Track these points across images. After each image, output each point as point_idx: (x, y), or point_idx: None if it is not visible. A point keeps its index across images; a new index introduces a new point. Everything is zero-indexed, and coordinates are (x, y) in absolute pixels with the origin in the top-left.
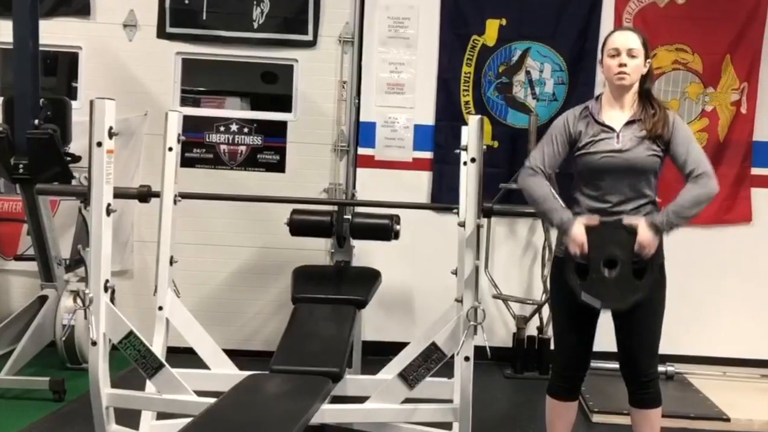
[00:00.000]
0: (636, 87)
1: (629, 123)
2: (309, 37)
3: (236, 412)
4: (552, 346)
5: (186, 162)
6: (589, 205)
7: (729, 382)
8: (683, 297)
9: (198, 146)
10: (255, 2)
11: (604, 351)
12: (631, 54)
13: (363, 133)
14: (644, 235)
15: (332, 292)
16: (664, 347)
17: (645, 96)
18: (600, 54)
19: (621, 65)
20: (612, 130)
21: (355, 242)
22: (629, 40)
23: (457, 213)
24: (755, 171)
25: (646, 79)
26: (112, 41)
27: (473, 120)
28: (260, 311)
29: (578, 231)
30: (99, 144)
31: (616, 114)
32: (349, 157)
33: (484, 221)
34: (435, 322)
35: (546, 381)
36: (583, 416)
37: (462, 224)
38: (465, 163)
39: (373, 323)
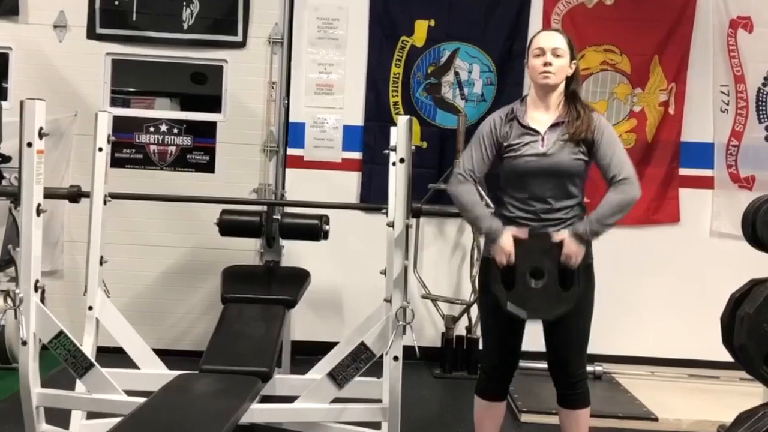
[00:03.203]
0: (561, 88)
1: (554, 126)
2: (238, 38)
3: (166, 411)
4: (480, 346)
5: (116, 162)
6: (516, 207)
7: (657, 381)
8: (612, 297)
9: (128, 147)
10: (184, 3)
11: (532, 351)
12: (555, 53)
13: (292, 133)
14: (569, 245)
15: (261, 292)
16: (593, 347)
17: (571, 98)
18: (526, 54)
19: (546, 64)
20: (537, 133)
21: (284, 242)
22: (554, 39)
23: (386, 213)
24: (683, 171)
25: (572, 81)
26: (42, 42)
27: (402, 120)
28: (190, 311)
29: (506, 241)
30: (29, 144)
31: (541, 116)
32: (279, 158)
33: (413, 221)
34: (364, 322)
35: (474, 380)
36: (512, 416)
37: (391, 224)
38: (394, 164)
39: (302, 323)
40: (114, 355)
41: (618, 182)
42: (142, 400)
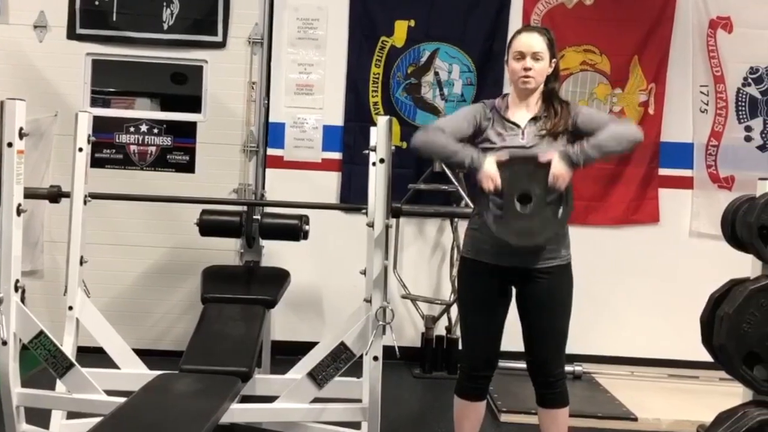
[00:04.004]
0: (541, 87)
1: (533, 119)
2: (218, 38)
3: (146, 411)
4: (460, 346)
5: (96, 162)
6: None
7: (636, 381)
8: (591, 297)
9: (108, 147)
10: (165, 3)
11: (512, 351)
12: (535, 57)
13: (272, 133)
14: (557, 166)
15: (241, 292)
16: (572, 347)
17: (548, 95)
18: (506, 53)
19: (525, 69)
20: (517, 126)
21: (264, 242)
22: (534, 43)
23: (366, 213)
24: (662, 171)
25: (551, 79)
26: (22, 42)
27: (382, 121)
28: (170, 311)
29: (491, 167)
30: (9, 144)
31: (521, 112)
32: (259, 158)
33: (393, 221)
34: (344, 322)
35: (454, 380)
36: (491, 416)
37: (371, 224)
38: (374, 164)
39: (282, 323)
40: (94, 355)
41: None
42: (122, 400)
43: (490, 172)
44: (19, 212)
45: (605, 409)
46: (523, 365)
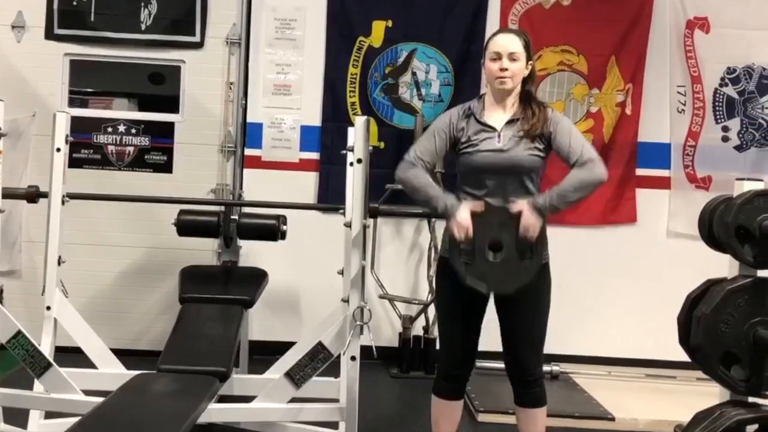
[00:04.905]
0: (518, 89)
1: (510, 122)
2: (196, 39)
3: (124, 411)
4: (437, 346)
5: (74, 162)
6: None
7: (614, 381)
8: (568, 297)
9: (86, 147)
10: (143, 4)
11: (489, 351)
12: (512, 58)
13: (250, 133)
14: (527, 217)
15: (219, 292)
16: (550, 347)
17: (526, 98)
18: (483, 55)
19: (502, 69)
20: (493, 129)
21: (242, 242)
22: (510, 43)
23: (344, 213)
24: (640, 172)
25: (528, 81)
26: (0, 42)
27: (359, 121)
28: (148, 311)
29: (464, 216)
30: None
31: (498, 114)
32: (236, 158)
33: (371, 221)
34: (322, 322)
35: (431, 380)
36: (469, 415)
37: (348, 224)
38: (351, 164)
39: (260, 323)
40: (72, 355)
41: (583, 162)
42: (100, 399)
43: (462, 222)
44: None
45: (582, 409)
46: (500, 365)
